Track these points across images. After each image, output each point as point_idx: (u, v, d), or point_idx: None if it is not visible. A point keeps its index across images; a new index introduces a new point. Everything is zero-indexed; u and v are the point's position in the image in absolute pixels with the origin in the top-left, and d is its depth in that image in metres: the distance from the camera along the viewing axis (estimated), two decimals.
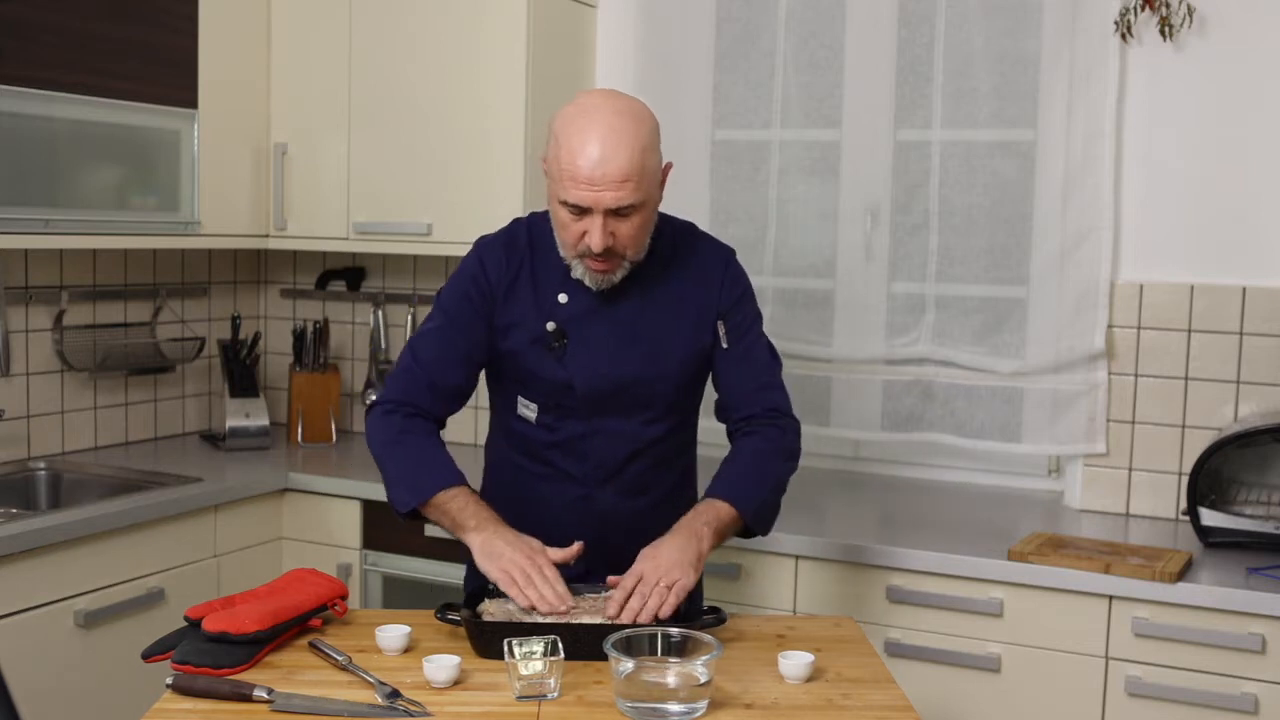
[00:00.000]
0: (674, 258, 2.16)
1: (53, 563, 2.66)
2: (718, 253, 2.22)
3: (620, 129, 1.95)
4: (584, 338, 2.10)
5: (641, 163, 1.95)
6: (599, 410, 2.11)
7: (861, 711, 1.77)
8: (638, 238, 2.02)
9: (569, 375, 2.10)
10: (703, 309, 2.16)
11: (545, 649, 1.79)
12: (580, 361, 2.10)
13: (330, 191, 3.45)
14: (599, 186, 1.93)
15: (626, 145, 1.94)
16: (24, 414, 3.28)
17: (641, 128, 1.98)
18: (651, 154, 1.99)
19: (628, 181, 1.94)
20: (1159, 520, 2.95)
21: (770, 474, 2.14)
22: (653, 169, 1.99)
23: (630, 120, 1.97)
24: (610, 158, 1.93)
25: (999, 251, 3.14)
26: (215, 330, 3.79)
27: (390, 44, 3.35)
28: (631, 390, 2.11)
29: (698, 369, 2.18)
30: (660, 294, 2.14)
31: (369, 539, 3.16)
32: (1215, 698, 2.41)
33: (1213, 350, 2.91)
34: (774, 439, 2.17)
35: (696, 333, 2.16)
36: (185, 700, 1.76)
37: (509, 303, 2.13)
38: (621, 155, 1.93)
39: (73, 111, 2.98)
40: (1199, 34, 2.89)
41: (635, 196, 1.95)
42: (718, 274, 2.18)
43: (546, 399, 2.14)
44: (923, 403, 3.23)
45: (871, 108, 3.22)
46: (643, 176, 1.95)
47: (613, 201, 1.95)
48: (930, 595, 2.61)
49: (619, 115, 1.97)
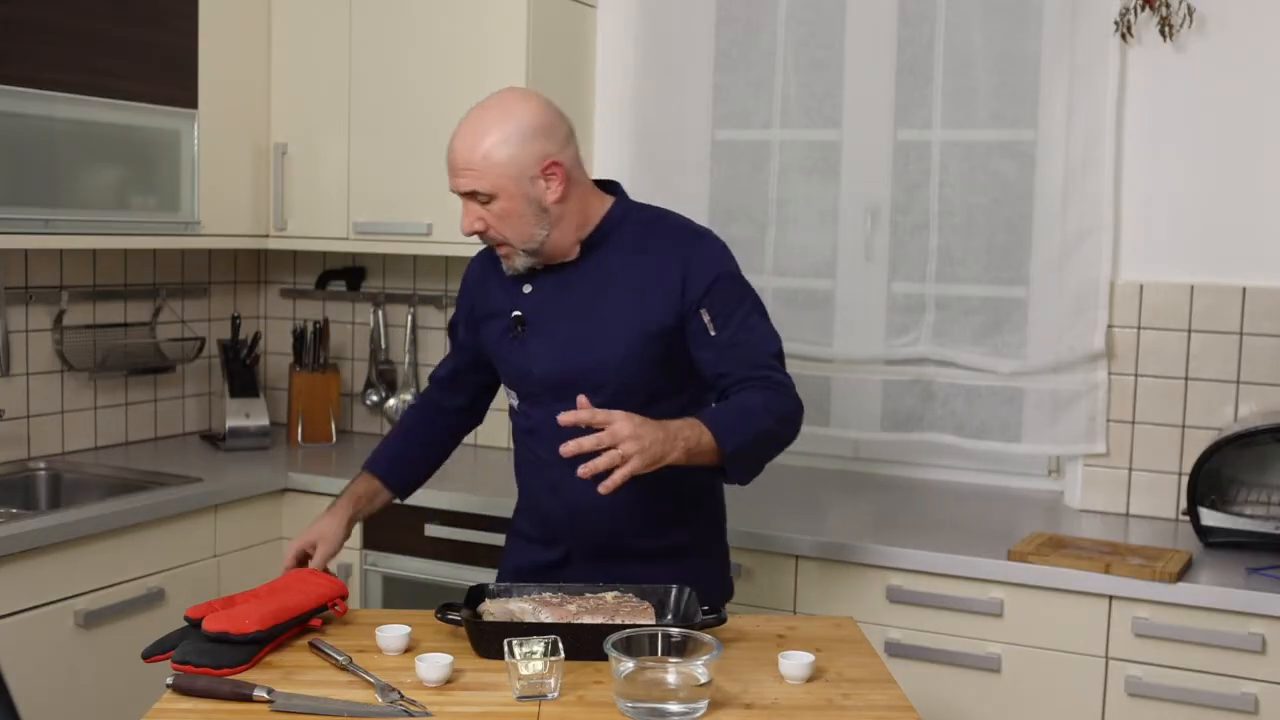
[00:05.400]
0: (636, 245, 2.18)
1: (53, 563, 2.66)
2: (684, 234, 2.21)
3: (476, 120, 2.09)
4: (542, 325, 2.19)
5: (484, 153, 2.05)
6: (560, 395, 2.13)
7: (861, 711, 1.77)
8: (509, 225, 2.10)
9: (528, 361, 2.20)
10: (660, 290, 2.13)
11: (545, 649, 1.79)
12: (537, 347, 2.19)
13: (330, 191, 3.46)
14: (451, 173, 2.10)
15: (473, 136, 2.07)
16: (24, 414, 3.28)
17: (504, 122, 2.07)
18: (505, 147, 2.06)
19: (469, 170, 2.07)
20: (1159, 520, 2.95)
21: (760, 424, 2.05)
22: (502, 162, 2.06)
23: (492, 113, 2.09)
24: (458, 147, 2.08)
25: (999, 251, 3.14)
26: (215, 330, 3.79)
27: (390, 44, 3.35)
28: (586, 374, 2.14)
29: (645, 349, 2.13)
30: (619, 279, 2.16)
31: (369, 539, 3.16)
32: (1215, 698, 2.41)
33: (1213, 350, 2.91)
34: (772, 397, 2.09)
35: (646, 312, 2.13)
36: (185, 700, 1.77)
37: (485, 299, 2.28)
38: (466, 145, 2.07)
39: (73, 111, 2.98)
40: (1199, 34, 2.89)
41: (479, 185, 2.07)
42: (682, 255, 2.15)
43: (519, 387, 2.25)
44: (923, 403, 3.23)
45: (871, 107, 3.23)
46: (488, 167, 2.05)
47: (458, 187, 2.10)
48: (930, 595, 2.61)
49: (484, 109, 2.10)
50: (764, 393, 2.08)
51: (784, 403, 2.10)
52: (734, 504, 3.00)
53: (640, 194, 3.39)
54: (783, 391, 2.10)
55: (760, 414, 2.05)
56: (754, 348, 2.12)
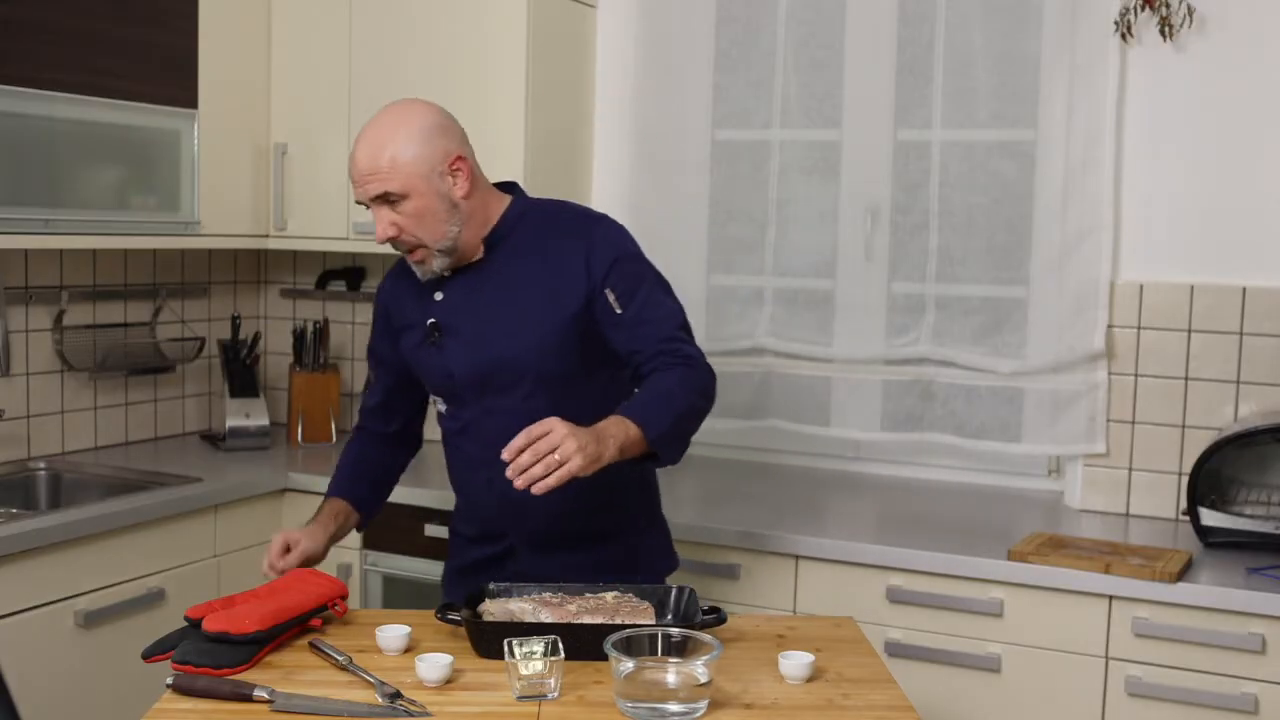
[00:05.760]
0: (538, 237, 2.23)
1: (53, 563, 2.66)
2: (583, 221, 2.28)
3: (376, 129, 2.14)
4: (458, 328, 2.23)
5: (388, 154, 2.10)
6: (482, 392, 2.23)
7: (861, 711, 1.77)
8: (423, 225, 2.14)
9: (448, 364, 2.24)
10: (566, 276, 2.18)
11: (545, 649, 1.79)
12: (455, 350, 2.23)
13: (330, 191, 3.45)
14: (356, 181, 2.14)
15: (374, 143, 2.12)
16: (24, 414, 3.28)
17: (401, 126, 2.13)
18: (405, 146, 2.11)
19: (376, 174, 2.11)
20: (1159, 520, 2.95)
21: (680, 403, 2.09)
22: (408, 160, 2.11)
23: (389, 119, 2.15)
24: (360, 156, 2.12)
25: (999, 251, 3.14)
26: (215, 330, 3.79)
27: (390, 44, 3.35)
28: (504, 368, 2.20)
29: (560, 337, 2.18)
30: (527, 272, 2.21)
31: (369, 539, 3.16)
32: (1215, 698, 2.41)
33: (1213, 350, 2.91)
34: (685, 375, 2.14)
35: (556, 299, 2.18)
36: (185, 700, 1.77)
37: (401, 313, 2.33)
38: (370, 152, 2.11)
39: (73, 111, 2.97)
40: (1199, 34, 2.89)
41: (389, 185, 2.10)
42: (582, 241, 2.21)
43: (444, 391, 2.29)
44: (923, 403, 3.23)
45: (871, 107, 3.22)
46: (393, 168, 2.10)
47: (365, 194, 2.13)
48: (930, 595, 2.61)
49: (380, 119, 2.16)
50: (678, 370, 2.14)
51: (698, 377, 2.15)
52: (734, 504, 3.02)
53: (640, 194, 3.44)
54: (694, 365, 2.16)
55: (678, 394, 2.10)
56: (661, 323, 2.18)
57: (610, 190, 3.46)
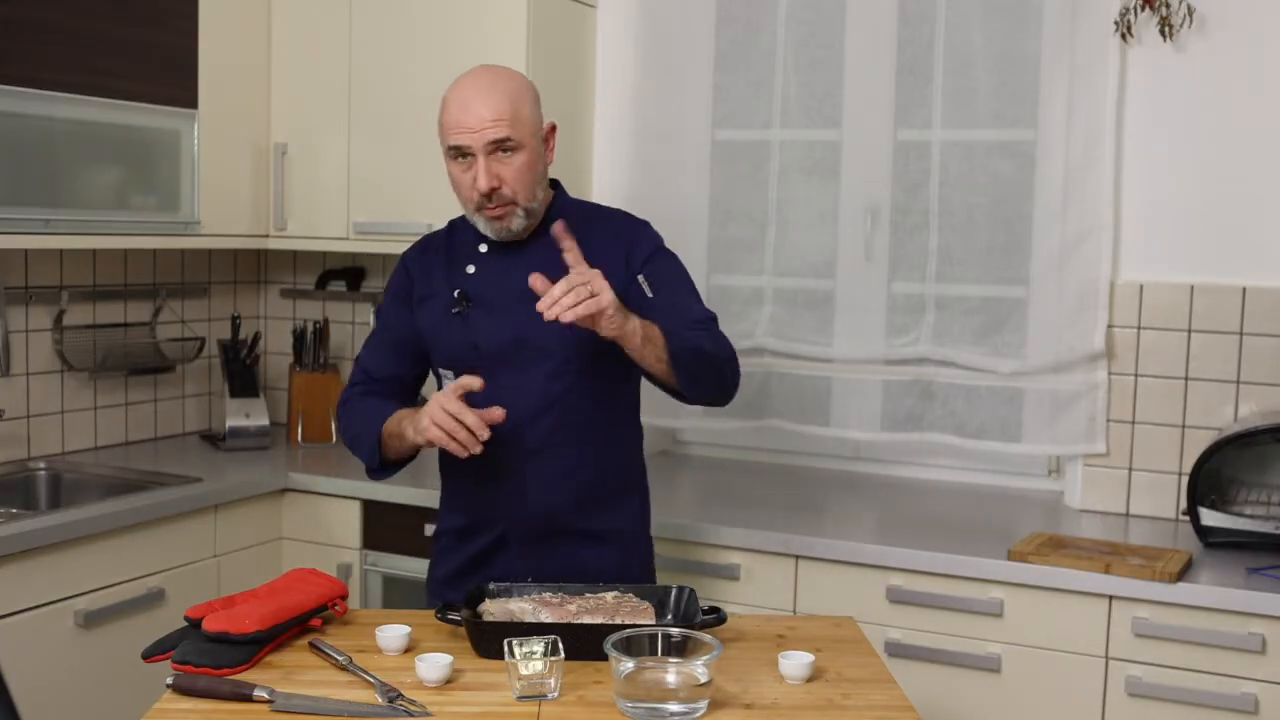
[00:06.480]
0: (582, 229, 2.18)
1: (53, 563, 2.66)
2: (629, 221, 2.33)
3: (489, 79, 2.17)
4: (487, 301, 2.25)
5: (512, 105, 2.14)
6: (502, 365, 2.21)
7: (861, 711, 1.77)
8: (522, 180, 2.17)
9: (473, 335, 2.24)
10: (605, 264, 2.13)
11: (545, 649, 1.79)
12: (482, 321, 2.24)
13: (330, 191, 3.46)
14: (474, 128, 2.13)
15: (496, 90, 2.15)
16: (24, 414, 3.28)
17: (513, 81, 2.19)
18: (524, 102, 2.17)
19: (500, 120, 2.13)
20: (1159, 520, 2.95)
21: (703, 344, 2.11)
22: (527, 117, 2.17)
23: (502, 74, 2.20)
24: (483, 100, 2.14)
25: (999, 251, 3.14)
26: (215, 330, 3.79)
27: (390, 44, 3.35)
28: (529, 343, 2.20)
29: None
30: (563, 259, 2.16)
31: (369, 539, 3.16)
32: (1215, 698, 2.41)
33: (1213, 350, 2.91)
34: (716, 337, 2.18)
35: None
36: (185, 700, 1.77)
37: (424, 283, 2.33)
38: (492, 98, 2.14)
39: (73, 111, 2.97)
40: (1199, 34, 2.89)
41: (509, 132, 2.13)
42: (625, 235, 2.27)
43: (460, 363, 2.26)
44: (923, 403, 3.23)
45: (871, 107, 3.22)
46: (516, 118, 2.14)
47: (480, 139, 2.13)
48: (930, 595, 2.61)
49: (489, 70, 2.21)
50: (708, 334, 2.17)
51: (726, 345, 2.19)
52: (734, 504, 3.02)
53: (640, 194, 3.44)
54: (724, 340, 2.20)
55: (705, 342, 2.13)
56: (691, 309, 2.22)
57: (610, 190, 3.46)
